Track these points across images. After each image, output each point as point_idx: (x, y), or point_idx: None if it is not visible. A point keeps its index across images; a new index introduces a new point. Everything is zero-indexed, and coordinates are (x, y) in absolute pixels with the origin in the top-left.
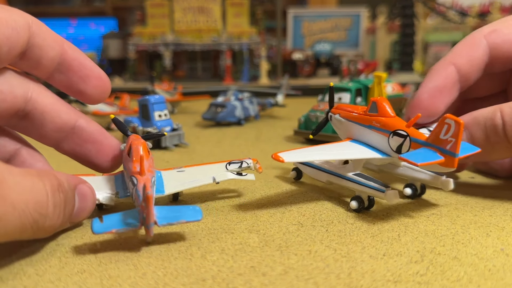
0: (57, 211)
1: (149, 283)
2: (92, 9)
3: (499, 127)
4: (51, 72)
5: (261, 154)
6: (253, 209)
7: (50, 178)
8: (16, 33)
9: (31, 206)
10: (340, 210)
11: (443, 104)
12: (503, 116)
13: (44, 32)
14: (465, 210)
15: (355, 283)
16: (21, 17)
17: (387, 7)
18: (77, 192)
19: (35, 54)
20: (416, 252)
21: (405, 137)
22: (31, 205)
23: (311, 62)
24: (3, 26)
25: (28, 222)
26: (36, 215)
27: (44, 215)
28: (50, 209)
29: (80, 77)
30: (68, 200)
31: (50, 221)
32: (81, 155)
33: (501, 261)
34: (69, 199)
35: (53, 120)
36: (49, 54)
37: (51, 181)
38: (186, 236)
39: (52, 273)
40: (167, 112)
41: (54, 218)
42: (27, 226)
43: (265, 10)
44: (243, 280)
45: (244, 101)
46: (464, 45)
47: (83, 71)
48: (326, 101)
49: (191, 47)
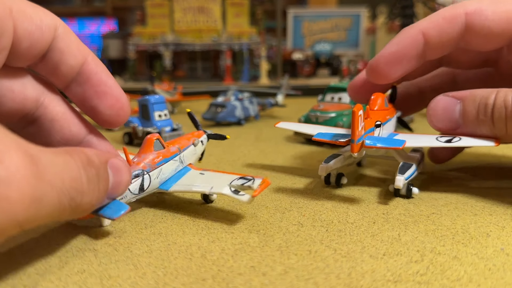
0: (92, 186)
1: (149, 283)
2: (92, 9)
3: (489, 107)
4: (69, 81)
5: (261, 154)
6: (253, 209)
7: (79, 154)
8: (39, 32)
9: (67, 183)
10: (340, 210)
11: (398, 72)
12: (496, 99)
13: (70, 38)
14: (465, 210)
15: (355, 283)
16: (49, 17)
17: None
18: (110, 166)
19: (55, 58)
20: (416, 252)
21: None
22: (67, 182)
23: (311, 62)
24: (27, 21)
25: (66, 200)
26: (72, 192)
27: (80, 191)
28: (85, 185)
29: (95, 92)
30: (101, 175)
31: (87, 197)
32: None
33: (501, 260)
34: (101, 174)
35: (61, 130)
36: (70, 61)
37: (80, 157)
38: (186, 236)
39: (52, 273)
40: (167, 112)
41: (90, 194)
42: (65, 205)
43: (265, 10)
44: (243, 280)
45: (244, 101)
46: (443, 17)
47: (101, 87)
48: (326, 101)
49: (191, 47)
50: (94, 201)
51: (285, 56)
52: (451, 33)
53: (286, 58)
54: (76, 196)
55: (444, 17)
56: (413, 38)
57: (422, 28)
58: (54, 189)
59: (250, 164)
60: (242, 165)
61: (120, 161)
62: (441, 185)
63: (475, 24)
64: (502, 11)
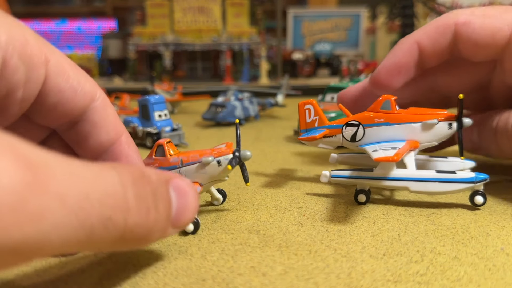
0: (144, 204)
1: (149, 283)
2: (92, 9)
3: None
4: (96, 157)
5: (261, 154)
6: (253, 209)
7: (129, 169)
8: (72, 93)
9: (96, 198)
10: (340, 210)
11: (399, 82)
12: (498, 121)
13: (107, 112)
14: (465, 210)
15: (355, 283)
16: (89, 84)
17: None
18: (173, 187)
19: (86, 129)
20: (416, 252)
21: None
22: (95, 197)
23: (311, 62)
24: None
25: (95, 219)
26: (106, 210)
27: (122, 209)
28: (132, 202)
29: None
30: (160, 194)
31: (135, 217)
32: None
33: (501, 260)
34: (160, 193)
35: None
36: (101, 137)
37: (130, 172)
38: (186, 236)
39: (52, 273)
40: (167, 112)
41: (142, 214)
42: (95, 225)
43: (265, 10)
44: (243, 280)
45: (244, 101)
46: (436, 27)
47: None
48: (326, 101)
49: (191, 47)
50: (151, 224)
51: (285, 56)
52: (443, 43)
53: (286, 58)
54: (113, 215)
55: (436, 26)
56: (409, 48)
57: (417, 38)
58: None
59: (250, 164)
60: None
61: (185, 182)
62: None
63: (463, 35)
64: (489, 26)
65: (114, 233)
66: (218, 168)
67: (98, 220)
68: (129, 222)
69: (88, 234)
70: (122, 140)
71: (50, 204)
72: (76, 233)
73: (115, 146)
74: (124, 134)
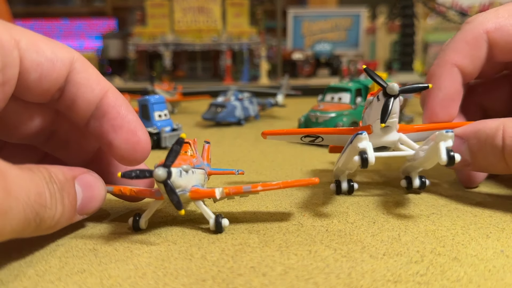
0: (54, 201)
1: (149, 283)
2: (92, 9)
3: (498, 148)
4: (88, 117)
5: (261, 154)
6: (253, 209)
7: (41, 170)
8: (50, 64)
9: (32, 198)
10: (340, 210)
11: (456, 110)
12: (504, 139)
13: (88, 72)
14: (465, 211)
15: (355, 283)
16: (64, 50)
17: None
18: (79, 183)
19: (71, 92)
20: (416, 252)
21: None
22: (32, 197)
23: (311, 62)
24: (35, 53)
25: (31, 214)
26: (37, 206)
27: (44, 205)
28: (48, 200)
29: (112, 125)
30: (66, 191)
31: (50, 211)
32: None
33: (501, 262)
34: (66, 190)
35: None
36: (87, 95)
37: (42, 173)
38: (186, 236)
39: (52, 273)
40: (167, 112)
41: (53, 209)
42: (30, 220)
43: (265, 10)
44: (243, 280)
45: (244, 101)
46: (466, 42)
47: (117, 120)
48: (326, 101)
49: (191, 47)
50: (57, 216)
51: (285, 56)
52: (480, 56)
53: (286, 58)
54: (40, 211)
55: (467, 42)
56: (451, 74)
57: (452, 60)
58: (20, 204)
59: (250, 164)
60: (242, 165)
61: (92, 177)
62: (441, 186)
63: (498, 42)
64: None
65: (37, 224)
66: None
67: (33, 214)
68: (46, 215)
69: (26, 226)
70: (108, 95)
71: (13, 204)
72: (20, 225)
73: (102, 101)
74: (110, 89)
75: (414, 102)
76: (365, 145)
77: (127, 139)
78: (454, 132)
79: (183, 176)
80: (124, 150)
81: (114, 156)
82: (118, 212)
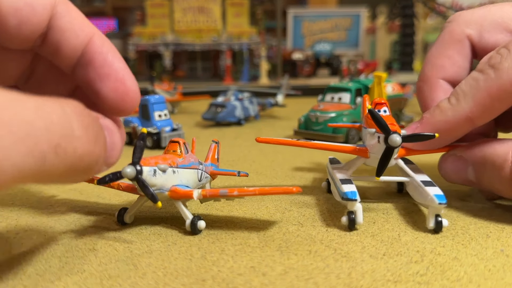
0: (91, 134)
1: (149, 283)
2: (92, 9)
3: (506, 179)
4: (74, 64)
5: (261, 154)
6: (253, 209)
7: (70, 102)
8: (29, 8)
9: (41, 126)
10: (340, 210)
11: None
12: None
13: (72, 16)
14: (465, 211)
15: (355, 283)
16: None
17: (387, 7)
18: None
19: (55, 37)
20: (416, 252)
21: None
22: (41, 124)
23: (311, 62)
24: None
25: (45, 146)
26: (54, 137)
27: (69, 136)
28: (79, 131)
29: (98, 74)
30: (98, 128)
31: (83, 145)
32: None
33: (501, 261)
34: (98, 127)
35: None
36: (71, 41)
37: (72, 104)
38: (186, 236)
39: (52, 273)
40: (167, 112)
41: (91, 143)
42: (46, 153)
43: (265, 10)
44: (243, 280)
45: (244, 101)
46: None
47: (104, 68)
48: (326, 101)
49: (191, 47)
50: (97, 153)
51: (285, 56)
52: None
53: (286, 58)
54: (63, 142)
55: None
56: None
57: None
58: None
59: (251, 164)
60: (242, 165)
61: (110, 121)
62: (441, 186)
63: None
64: None
65: (65, 161)
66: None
67: (48, 147)
68: (79, 150)
69: (40, 162)
70: (94, 40)
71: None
72: (28, 161)
73: (88, 47)
74: (95, 34)
75: (414, 102)
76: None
77: (115, 88)
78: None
79: (158, 175)
80: (112, 100)
81: (101, 105)
82: None
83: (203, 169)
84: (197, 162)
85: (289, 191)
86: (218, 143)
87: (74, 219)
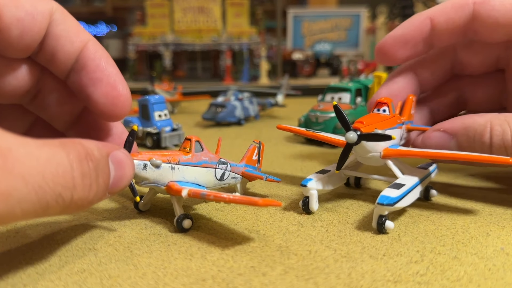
0: (88, 181)
1: (149, 283)
2: (92, 9)
3: (486, 145)
4: (68, 70)
5: None
6: (253, 209)
7: (75, 147)
8: (31, 18)
9: (50, 178)
10: (340, 210)
11: (404, 54)
12: (492, 136)
13: (67, 24)
14: (465, 210)
15: (355, 283)
16: (43, 2)
17: (387, 7)
18: (112, 160)
19: (51, 44)
20: (416, 252)
21: None
22: (49, 177)
23: (311, 62)
24: (14, 7)
25: (49, 196)
26: (58, 188)
27: (70, 187)
28: (78, 180)
29: (91, 78)
30: (101, 169)
31: (80, 193)
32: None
33: (501, 260)
34: (102, 168)
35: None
36: (66, 48)
37: (76, 150)
38: (186, 236)
39: (52, 272)
40: (167, 112)
41: (85, 190)
42: (49, 201)
43: (265, 10)
44: (243, 280)
45: (244, 101)
46: (452, 5)
47: (96, 73)
48: (326, 101)
49: (191, 47)
50: (91, 197)
51: (285, 56)
52: (457, 21)
53: (286, 58)
54: (63, 192)
55: (453, 5)
56: (421, 22)
57: (430, 14)
58: (28, 184)
59: None
60: None
61: (123, 154)
62: (441, 186)
63: (482, 14)
64: (509, 3)
65: (63, 206)
66: None
67: (52, 197)
68: (74, 197)
69: (44, 208)
70: (88, 47)
71: (16, 184)
72: (35, 207)
73: (82, 54)
74: (90, 41)
75: None
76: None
77: (106, 93)
78: (443, 128)
79: (149, 169)
80: (103, 105)
81: (93, 111)
82: (118, 212)
83: (227, 169)
84: (214, 161)
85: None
86: (259, 144)
87: (74, 218)
